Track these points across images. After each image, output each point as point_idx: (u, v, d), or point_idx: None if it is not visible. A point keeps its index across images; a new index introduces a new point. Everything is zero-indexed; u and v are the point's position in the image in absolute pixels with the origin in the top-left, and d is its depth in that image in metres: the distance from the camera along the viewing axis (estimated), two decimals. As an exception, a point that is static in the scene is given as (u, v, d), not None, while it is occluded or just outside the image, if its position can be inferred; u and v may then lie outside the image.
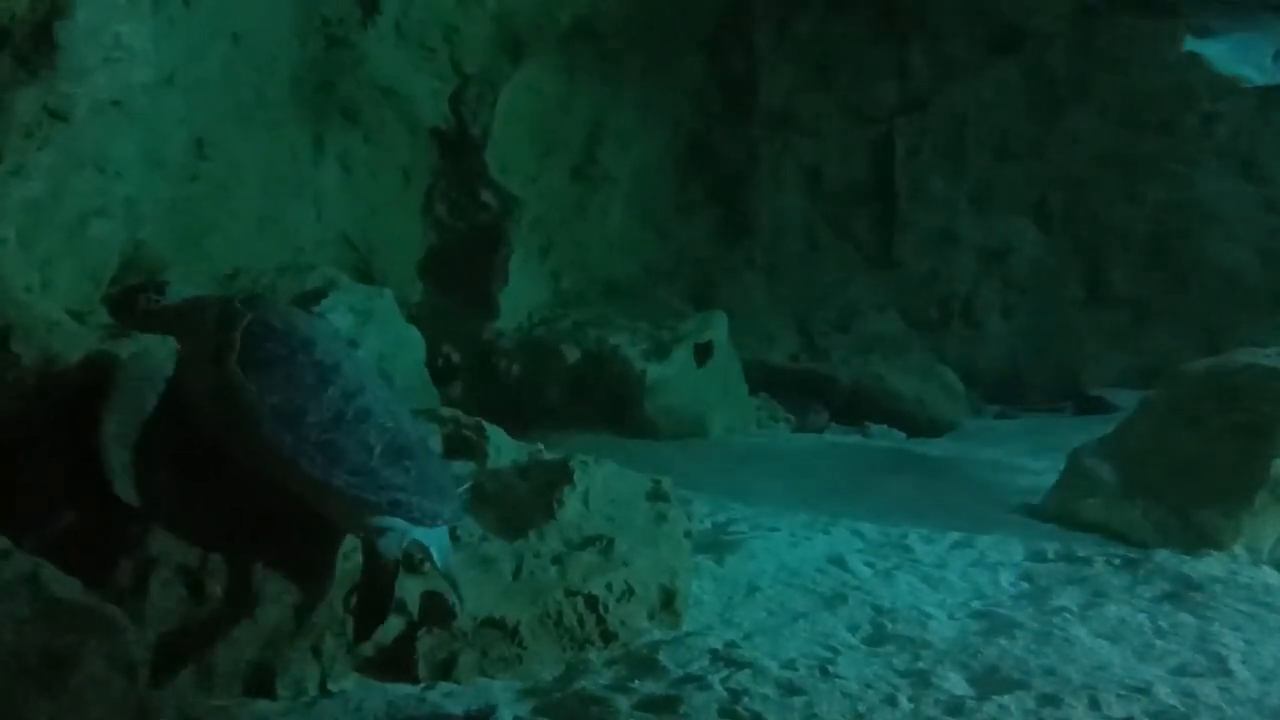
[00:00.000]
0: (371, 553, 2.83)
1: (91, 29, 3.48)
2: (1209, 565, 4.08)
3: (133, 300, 3.15)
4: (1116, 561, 4.13)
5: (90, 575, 2.64)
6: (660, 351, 7.05)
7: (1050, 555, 4.23)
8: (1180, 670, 3.13)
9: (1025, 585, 3.90)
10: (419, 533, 2.88)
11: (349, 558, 2.95)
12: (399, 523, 2.85)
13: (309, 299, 5.30)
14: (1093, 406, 8.18)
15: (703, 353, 7.16)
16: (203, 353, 2.90)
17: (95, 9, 3.47)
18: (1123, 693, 2.94)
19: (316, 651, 2.88)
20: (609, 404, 6.91)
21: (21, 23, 3.32)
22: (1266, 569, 4.09)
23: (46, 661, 2.42)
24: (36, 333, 3.19)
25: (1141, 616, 3.54)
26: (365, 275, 6.79)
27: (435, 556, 2.93)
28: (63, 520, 2.81)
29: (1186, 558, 4.15)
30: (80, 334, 3.43)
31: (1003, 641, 3.30)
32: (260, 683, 2.81)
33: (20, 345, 3.15)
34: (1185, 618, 3.53)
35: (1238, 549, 4.23)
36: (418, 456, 2.94)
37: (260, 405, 2.78)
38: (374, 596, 2.82)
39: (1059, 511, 4.80)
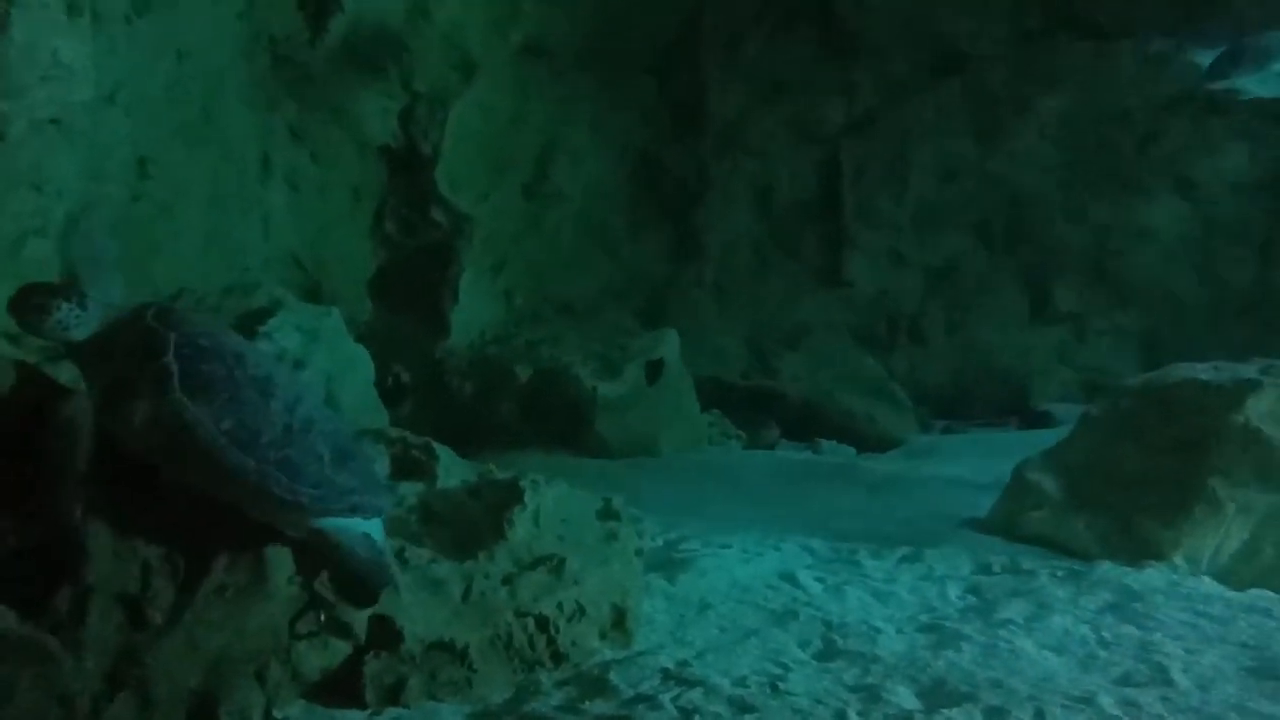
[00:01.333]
0: (326, 544, 2.85)
1: (28, 46, 3.42)
2: (1150, 576, 4.16)
3: (42, 309, 2.76)
4: (1060, 573, 4.19)
5: (26, 604, 2.57)
6: (611, 370, 7.06)
7: (996, 568, 4.28)
8: (1123, 680, 3.18)
9: (972, 598, 3.94)
10: (360, 523, 2.90)
11: (293, 581, 2.91)
12: (347, 521, 2.86)
13: (254, 318, 5.24)
14: (1037, 421, 8.33)
15: (654, 371, 7.18)
16: (133, 380, 2.76)
17: (32, 26, 3.42)
18: (1067, 703, 2.98)
19: (261, 678, 2.83)
20: (561, 423, 6.90)
21: (-45, 40, 3.25)
22: (1206, 579, 4.19)
23: (-21, 693, 2.35)
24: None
25: (1085, 628, 3.59)
26: (314, 294, 6.72)
27: (380, 541, 2.96)
28: (2, 545, 2.73)
29: (1129, 569, 4.23)
30: (16, 357, 3.35)
31: (950, 654, 3.33)
32: (203, 711, 2.75)
33: (-46, 368, 3.07)
34: (1128, 628, 3.59)
35: (1178, 560, 4.31)
36: (355, 454, 2.97)
37: (216, 435, 2.72)
38: (353, 578, 2.85)
39: (1004, 525, 4.86)
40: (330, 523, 2.86)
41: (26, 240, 4.26)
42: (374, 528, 2.96)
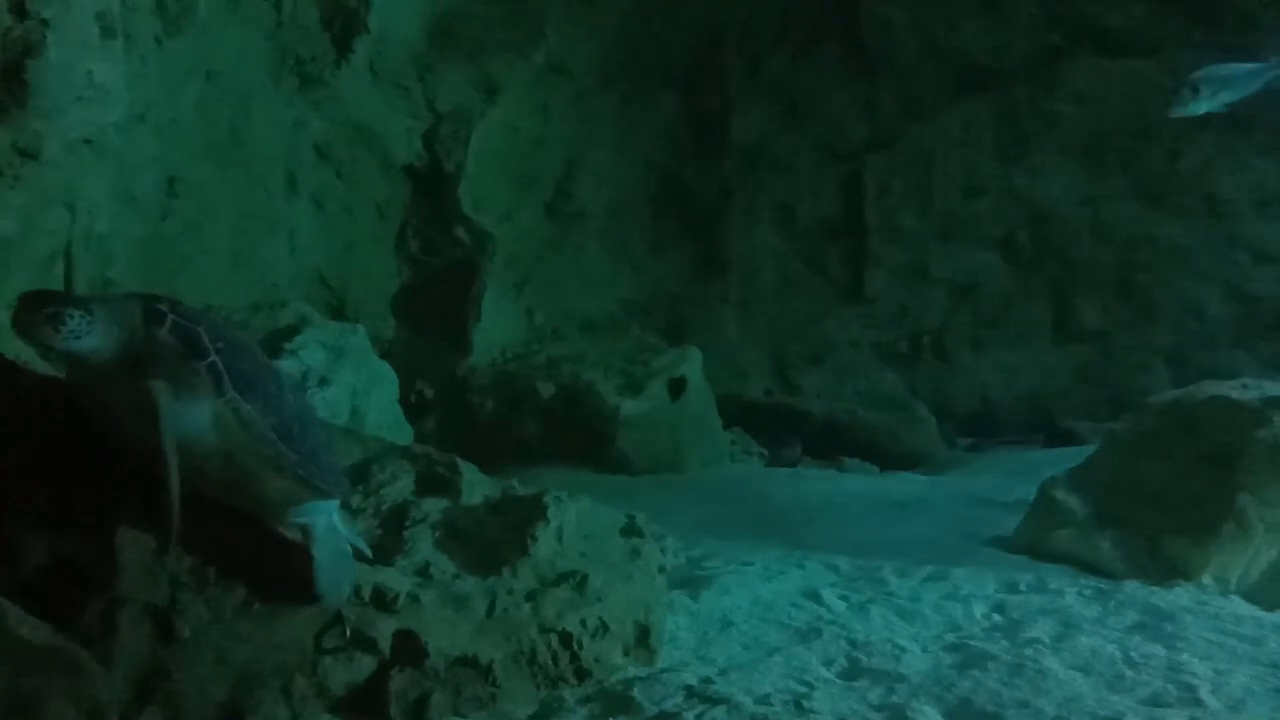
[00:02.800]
0: (309, 539, 2.87)
1: (64, 68, 3.48)
2: (1178, 595, 4.11)
3: (56, 319, 2.52)
4: (1087, 593, 4.15)
5: (58, 616, 2.60)
6: (634, 387, 7.07)
7: (1022, 587, 4.25)
8: (1152, 700, 3.14)
9: (998, 617, 3.91)
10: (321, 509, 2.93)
11: (320, 597, 2.93)
12: (323, 505, 2.91)
13: (281, 335, 5.28)
14: (1062, 439, 8.27)
15: (677, 388, 7.19)
16: (188, 381, 2.65)
17: (68, 48, 3.48)
18: (1095, 724, 2.95)
19: (287, 692, 2.84)
20: (583, 440, 6.91)
21: (-8, 62, 3.32)
22: (1235, 598, 4.14)
23: (12, 704, 2.38)
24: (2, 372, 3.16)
25: (1113, 647, 3.56)
26: (339, 312, 6.78)
27: (343, 528, 3.02)
28: (30, 561, 2.76)
29: (1156, 588, 4.18)
30: (49, 373, 3.40)
31: (976, 674, 3.30)
32: (230, 724, 2.77)
33: (-13, 386, 3.11)
34: (1156, 648, 3.55)
35: (1206, 579, 4.27)
36: (330, 443, 3.01)
37: (267, 429, 2.70)
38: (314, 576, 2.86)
39: (1030, 543, 4.82)
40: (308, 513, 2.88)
41: (58, 260, 4.33)
42: (332, 510, 2.98)
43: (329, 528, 2.94)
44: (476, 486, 3.72)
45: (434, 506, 3.53)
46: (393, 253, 7.51)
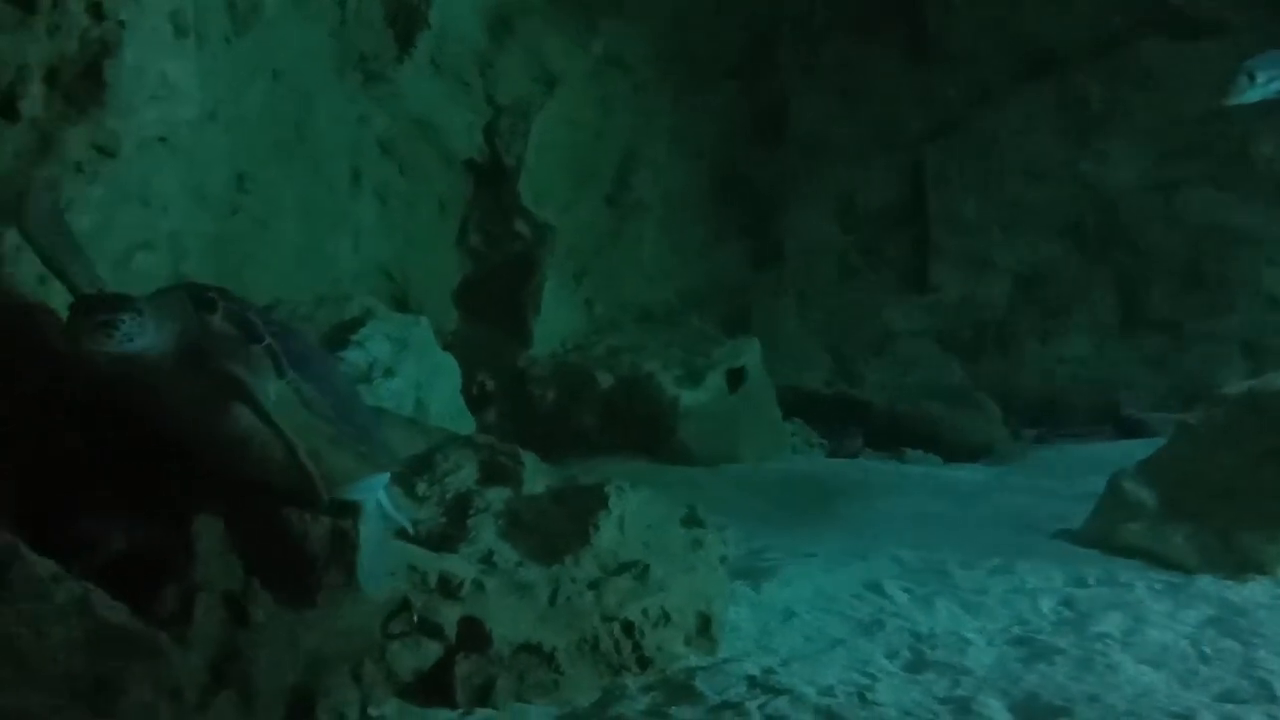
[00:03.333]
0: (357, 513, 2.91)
1: (139, 67, 3.57)
2: (1253, 590, 4.02)
3: (110, 326, 2.48)
4: (1158, 586, 4.08)
5: (137, 600, 2.68)
6: (693, 378, 7.06)
7: (1091, 581, 4.18)
8: (1226, 696, 3.08)
9: (1066, 611, 3.85)
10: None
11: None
12: (374, 481, 2.99)
13: (347, 328, 5.37)
14: (1131, 430, 8.09)
15: (736, 378, 7.17)
16: (245, 367, 2.67)
17: (143, 48, 3.56)
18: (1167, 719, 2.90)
19: (357, 677, 2.91)
20: (643, 430, 6.92)
21: (71, 62, 3.41)
22: (1313, 594, 4.03)
23: (95, 686, 2.46)
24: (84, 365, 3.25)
25: (1185, 642, 3.49)
26: (402, 305, 6.86)
27: (386, 502, 3.07)
28: (112, 546, 2.85)
29: (1229, 582, 4.10)
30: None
31: (1044, 668, 3.26)
32: (301, 707, 2.83)
33: (69, 377, 3.22)
34: (1229, 643, 3.47)
35: (1283, 573, 4.16)
36: (375, 419, 3.09)
37: (328, 408, 2.75)
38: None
39: (1099, 536, 4.75)
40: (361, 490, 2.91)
41: (134, 255, 4.44)
42: (380, 486, 3.00)
43: (376, 506, 2.98)
44: (538, 476, 3.76)
45: (497, 496, 3.58)
46: (454, 246, 7.59)
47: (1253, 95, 5.72)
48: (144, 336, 2.56)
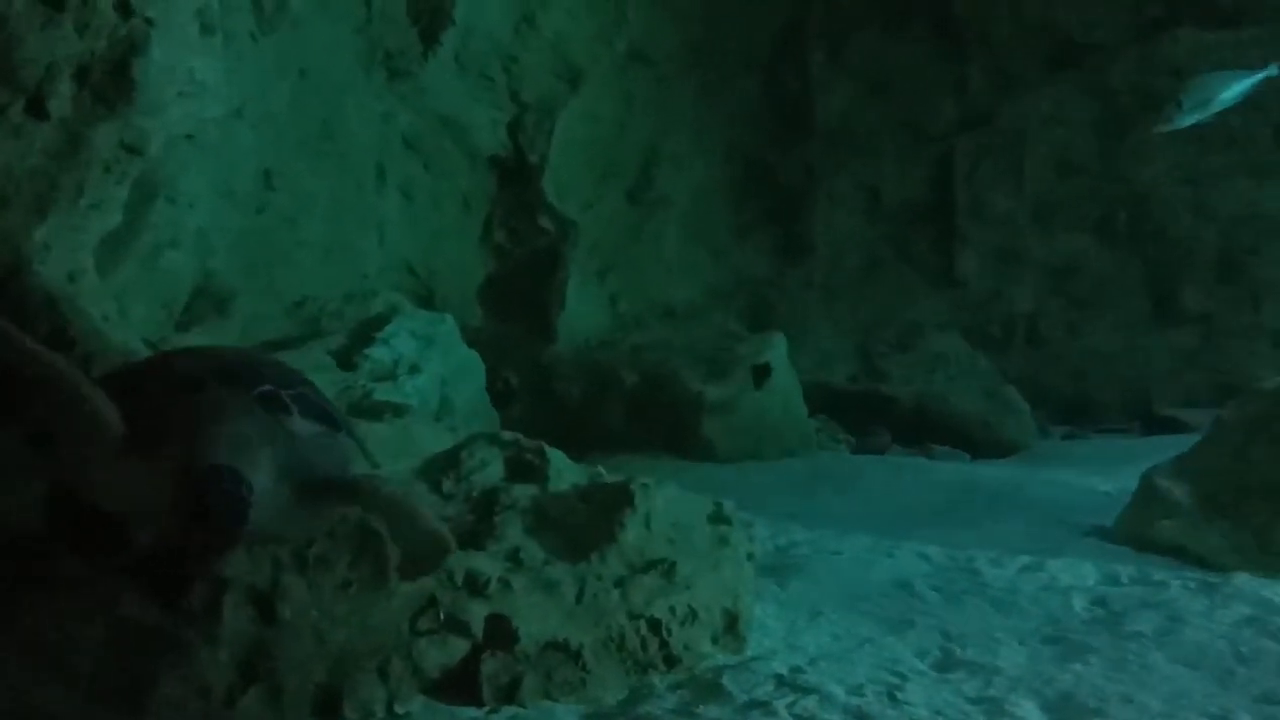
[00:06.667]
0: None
1: (166, 66, 3.59)
2: (1291, 589, 3.94)
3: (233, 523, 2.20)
4: (1193, 585, 4.01)
5: (166, 598, 2.69)
6: (718, 374, 7.04)
7: (1124, 579, 4.12)
8: (1264, 698, 3.02)
9: (1099, 610, 3.80)
10: None
11: (414, 580, 2.98)
12: None
13: (373, 325, 5.39)
14: (1164, 426, 7.99)
15: (761, 374, 7.13)
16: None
17: (170, 46, 3.59)
18: (1203, 721, 2.85)
19: (383, 674, 2.90)
20: (668, 426, 6.91)
21: (100, 60, 3.43)
22: (1352, 593, 3.95)
23: (125, 683, 2.47)
24: (114, 361, 3.28)
25: (1221, 642, 3.43)
26: (427, 301, 6.89)
27: None
28: (140, 544, 2.86)
29: (1267, 580, 4.02)
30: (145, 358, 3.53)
31: (1077, 667, 3.22)
32: (328, 704, 2.83)
33: (99, 373, 3.24)
34: (1267, 643, 3.41)
35: (1321, 572, 4.09)
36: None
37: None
38: None
39: (1132, 534, 4.68)
40: None
41: (163, 252, 4.48)
42: None
43: None
44: (564, 473, 3.74)
45: (523, 493, 3.57)
46: (479, 243, 7.60)
47: (1183, 121, 5.75)
48: (263, 501, 2.25)
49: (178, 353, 2.99)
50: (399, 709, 2.89)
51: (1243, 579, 4.05)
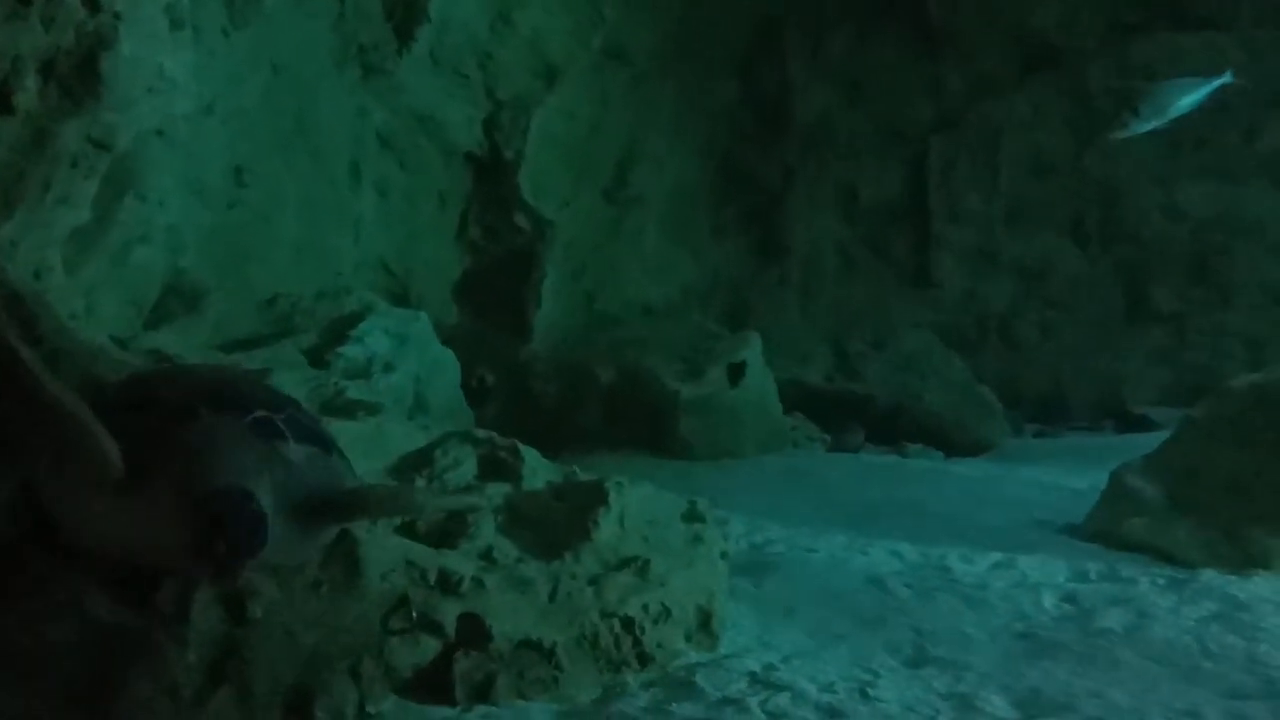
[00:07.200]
0: None
1: (135, 60, 3.55)
2: (1257, 585, 3.99)
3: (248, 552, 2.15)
4: (1162, 582, 4.05)
5: (134, 598, 2.66)
6: (694, 372, 7.05)
7: (1093, 576, 4.16)
8: (1231, 693, 3.06)
9: (1068, 607, 3.83)
10: None
11: (386, 579, 2.97)
12: None
13: (346, 323, 5.35)
14: (1135, 425, 8.07)
15: (736, 373, 7.14)
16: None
17: (139, 41, 3.55)
18: (1171, 716, 2.88)
19: (355, 674, 2.89)
20: (644, 425, 6.91)
21: (67, 54, 3.39)
22: (1318, 589, 4.00)
23: (92, 684, 2.45)
24: (81, 359, 3.25)
25: (1189, 638, 3.47)
26: (402, 299, 6.85)
27: None
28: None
29: (1234, 578, 4.07)
30: (124, 360, 3.49)
31: (1046, 663, 3.25)
32: (299, 705, 2.81)
33: (66, 372, 3.20)
34: (1234, 639, 3.45)
35: (1287, 569, 4.13)
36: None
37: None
38: None
39: (1102, 531, 4.72)
40: None
41: (132, 248, 4.43)
42: None
43: None
44: (538, 471, 3.74)
45: (496, 491, 3.56)
46: (454, 240, 7.57)
47: (1139, 128, 5.82)
48: (273, 529, 2.20)
49: (156, 377, 2.90)
50: (371, 709, 2.87)
51: (1210, 575, 4.10)
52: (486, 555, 3.24)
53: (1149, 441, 5.36)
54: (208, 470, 2.18)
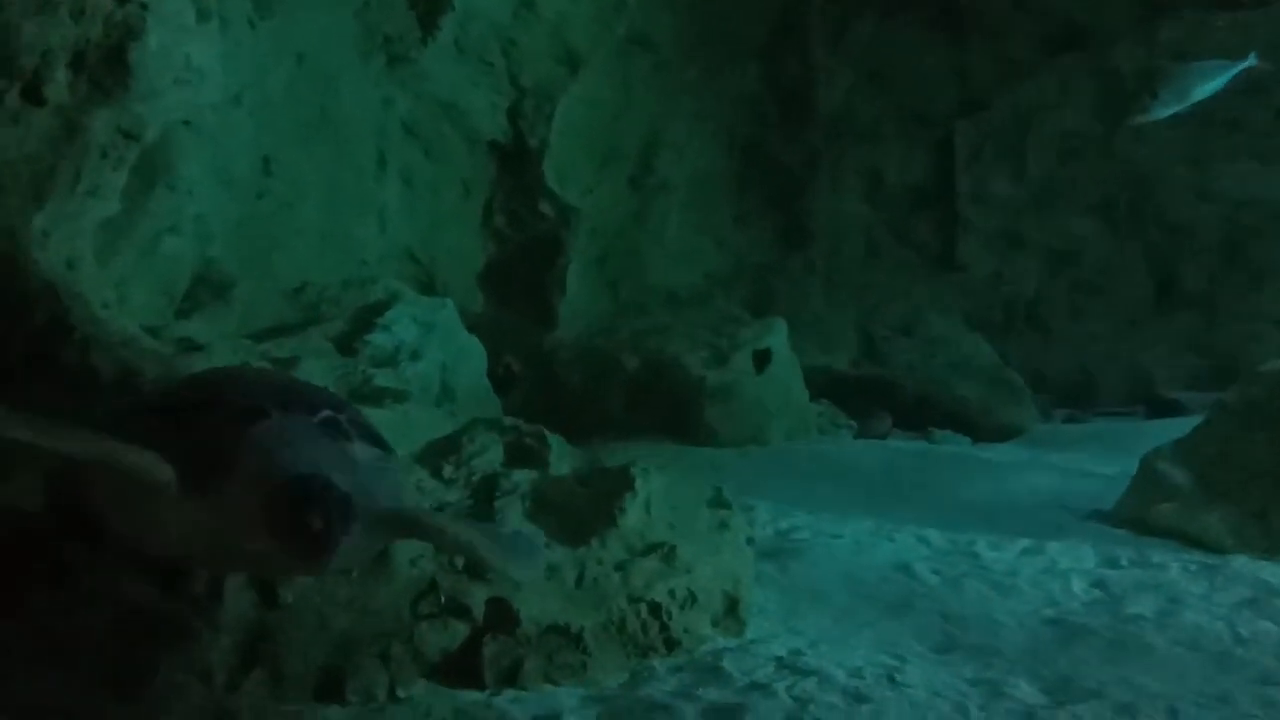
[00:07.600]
0: None
1: (163, 51, 3.57)
2: (1290, 571, 3.95)
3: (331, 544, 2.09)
4: (1193, 567, 4.02)
5: (167, 583, 2.70)
6: (719, 359, 7.03)
7: (1124, 562, 4.13)
8: (1263, 679, 3.03)
9: (1098, 593, 3.81)
10: None
11: (415, 564, 2.99)
12: None
13: (373, 311, 5.38)
14: (1165, 410, 7.99)
15: (762, 359, 7.13)
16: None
17: (167, 32, 3.57)
18: (1203, 702, 2.86)
19: (385, 657, 2.91)
20: (669, 412, 6.90)
21: (96, 46, 3.41)
22: (1352, 575, 3.96)
23: (127, 669, 2.48)
24: (113, 348, 3.28)
25: (1220, 624, 3.44)
26: (427, 287, 6.87)
27: None
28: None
29: (1266, 563, 4.03)
30: (155, 349, 3.53)
31: (1076, 650, 3.23)
32: (330, 688, 2.85)
33: (99, 360, 3.25)
34: (1266, 625, 3.42)
35: (1320, 554, 4.09)
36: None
37: None
38: None
39: (1132, 517, 4.69)
40: None
41: (162, 238, 4.46)
42: None
43: None
44: (564, 458, 3.76)
45: (523, 478, 3.58)
46: (479, 228, 7.58)
47: (1159, 112, 5.73)
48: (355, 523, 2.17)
49: (220, 378, 2.90)
50: (401, 692, 2.90)
51: (1242, 561, 4.07)
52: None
53: (1179, 426, 5.31)
54: (286, 461, 2.17)
